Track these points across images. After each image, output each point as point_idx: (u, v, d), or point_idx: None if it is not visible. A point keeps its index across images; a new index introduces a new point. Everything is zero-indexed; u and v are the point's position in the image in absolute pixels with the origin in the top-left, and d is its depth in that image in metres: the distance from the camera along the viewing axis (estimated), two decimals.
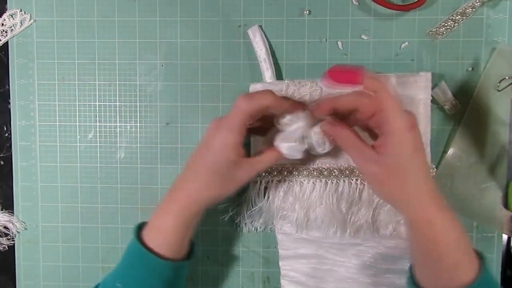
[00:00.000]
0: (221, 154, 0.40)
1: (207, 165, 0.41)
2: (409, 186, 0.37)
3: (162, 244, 0.41)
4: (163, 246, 0.41)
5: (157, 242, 0.41)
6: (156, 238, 0.42)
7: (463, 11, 0.48)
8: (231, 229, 0.52)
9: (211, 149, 0.40)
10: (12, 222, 0.53)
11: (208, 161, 0.41)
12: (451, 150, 0.49)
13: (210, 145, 0.41)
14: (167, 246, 0.41)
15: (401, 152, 0.37)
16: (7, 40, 0.51)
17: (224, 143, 0.40)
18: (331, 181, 0.48)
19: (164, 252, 0.41)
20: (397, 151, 0.37)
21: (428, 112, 0.47)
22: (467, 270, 0.37)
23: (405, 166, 0.37)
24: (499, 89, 0.47)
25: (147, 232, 0.42)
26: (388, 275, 0.48)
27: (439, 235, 0.37)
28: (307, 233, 0.49)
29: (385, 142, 0.37)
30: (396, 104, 0.37)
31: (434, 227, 0.37)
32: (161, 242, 0.41)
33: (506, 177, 0.48)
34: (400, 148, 0.37)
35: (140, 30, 0.51)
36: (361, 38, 0.49)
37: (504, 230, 0.49)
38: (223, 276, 0.52)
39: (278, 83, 0.48)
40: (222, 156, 0.40)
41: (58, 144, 0.52)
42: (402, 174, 0.37)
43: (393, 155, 0.37)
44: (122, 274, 0.42)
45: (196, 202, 0.42)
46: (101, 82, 0.51)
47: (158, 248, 0.41)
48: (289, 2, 0.49)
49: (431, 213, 0.37)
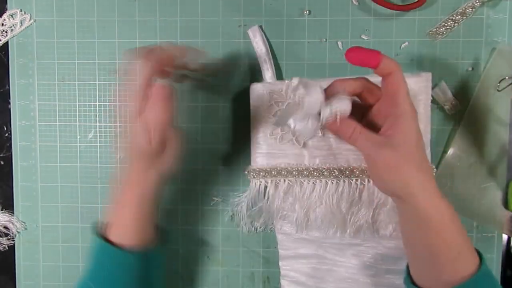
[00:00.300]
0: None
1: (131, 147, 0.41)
2: (420, 166, 0.37)
3: (123, 235, 0.41)
4: (125, 236, 0.41)
5: (118, 235, 0.41)
6: (117, 231, 0.41)
7: (463, 11, 0.48)
8: (231, 229, 0.52)
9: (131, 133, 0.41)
10: (12, 222, 0.53)
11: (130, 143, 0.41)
12: (451, 150, 0.49)
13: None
14: (129, 236, 0.41)
15: (412, 133, 0.37)
16: (7, 40, 0.51)
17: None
18: (331, 181, 0.47)
19: (128, 243, 0.41)
20: (408, 131, 0.37)
21: (428, 112, 0.47)
22: (467, 262, 0.37)
23: (415, 146, 0.37)
24: (499, 89, 0.47)
25: (107, 228, 0.42)
26: (388, 275, 0.48)
27: (447, 226, 0.36)
28: (307, 233, 0.49)
29: (395, 124, 0.37)
30: (407, 89, 0.37)
31: (444, 217, 0.36)
32: (122, 233, 0.41)
33: (506, 177, 0.48)
34: (410, 129, 0.37)
35: (140, 30, 0.51)
36: (361, 38, 0.49)
37: (504, 230, 0.49)
38: (223, 276, 0.52)
39: (278, 83, 0.48)
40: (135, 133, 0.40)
41: (58, 144, 0.52)
42: (414, 154, 0.37)
43: (404, 135, 0.37)
44: (92, 274, 0.42)
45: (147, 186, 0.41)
46: (101, 82, 0.51)
47: (121, 240, 0.41)
48: (289, 2, 0.49)
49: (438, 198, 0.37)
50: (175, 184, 0.52)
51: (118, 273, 0.41)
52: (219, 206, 0.52)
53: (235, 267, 0.52)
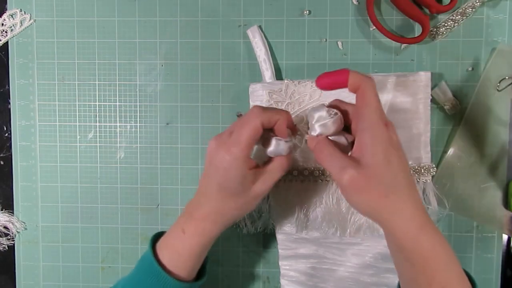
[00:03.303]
0: (231, 171, 0.37)
1: (219, 186, 0.39)
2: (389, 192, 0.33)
3: (177, 264, 0.40)
4: (178, 266, 0.40)
5: (171, 261, 0.40)
6: (171, 257, 0.40)
7: (463, 11, 0.48)
8: (231, 229, 0.52)
9: (219, 169, 0.38)
10: (12, 222, 0.53)
11: (218, 181, 0.38)
12: (451, 150, 0.49)
13: (217, 165, 0.38)
14: (181, 267, 0.40)
15: (379, 148, 0.33)
16: (7, 40, 0.51)
17: (232, 159, 0.37)
18: (331, 181, 0.48)
19: (177, 272, 0.40)
20: (374, 147, 0.33)
21: (428, 112, 0.47)
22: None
23: (383, 167, 0.33)
24: (499, 89, 0.47)
25: (162, 249, 0.41)
26: (388, 275, 0.48)
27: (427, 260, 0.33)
28: (307, 233, 0.49)
29: (361, 140, 0.35)
30: (376, 101, 0.34)
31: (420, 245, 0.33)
32: (176, 262, 0.40)
33: (506, 177, 0.48)
34: (377, 143, 0.33)
35: (140, 30, 0.51)
36: (361, 38, 0.49)
37: (504, 230, 0.49)
38: (223, 276, 0.52)
39: (278, 83, 0.48)
40: (232, 173, 0.37)
41: (58, 144, 0.52)
42: (380, 176, 0.33)
43: (368, 152, 0.34)
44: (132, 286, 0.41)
45: (214, 225, 0.40)
46: (101, 82, 0.51)
47: (172, 267, 0.40)
48: (289, 2, 0.50)
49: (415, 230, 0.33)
50: (175, 184, 0.52)
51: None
52: None
53: (235, 267, 0.52)
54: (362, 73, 0.35)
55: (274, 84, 0.48)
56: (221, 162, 0.37)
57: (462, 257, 0.50)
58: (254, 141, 0.37)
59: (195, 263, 0.41)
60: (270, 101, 0.48)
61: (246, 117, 0.38)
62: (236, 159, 0.37)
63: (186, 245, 0.40)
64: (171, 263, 0.40)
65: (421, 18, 0.47)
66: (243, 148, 0.37)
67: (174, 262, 0.40)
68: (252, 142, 0.37)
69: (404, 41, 0.48)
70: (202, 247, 0.41)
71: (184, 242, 0.40)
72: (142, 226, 0.52)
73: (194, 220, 0.40)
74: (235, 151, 0.37)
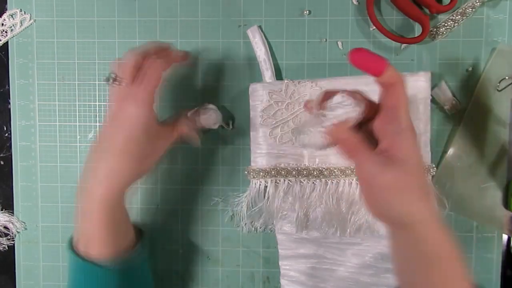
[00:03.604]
0: (134, 127, 0.36)
1: (120, 142, 0.37)
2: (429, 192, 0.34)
3: (92, 246, 0.37)
4: (96, 248, 0.37)
5: (87, 246, 0.37)
6: (86, 243, 0.37)
7: (463, 11, 0.48)
8: (231, 229, 0.52)
9: (121, 123, 0.36)
10: (12, 222, 0.53)
11: (119, 136, 0.37)
12: (451, 150, 0.49)
13: (119, 118, 0.37)
14: (100, 247, 0.37)
15: (414, 153, 0.34)
16: (7, 40, 0.51)
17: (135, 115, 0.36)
18: (331, 181, 0.48)
19: (101, 254, 0.37)
20: (411, 151, 0.34)
21: (428, 112, 0.47)
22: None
23: (420, 166, 0.34)
24: (499, 89, 0.47)
25: (78, 240, 0.39)
26: (388, 275, 0.48)
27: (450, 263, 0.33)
28: (307, 233, 0.49)
29: (396, 142, 0.34)
30: (408, 104, 0.34)
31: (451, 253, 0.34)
32: (90, 245, 0.37)
33: (506, 177, 0.48)
34: (414, 146, 0.34)
35: (140, 30, 0.51)
36: (361, 38, 0.49)
37: (504, 230, 0.49)
38: (223, 276, 0.52)
39: (278, 83, 0.48)
40: (135, 129, 0.36)
41: (58, 144, 0.52)
42: (419, 181, 0.34)
43: (408, 155, 0.33)
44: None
45: (115, 186, 0.37)
46: (101, 82, 0.51)
47: (91, 251, 0.37)
48: (289, 2, 0.49)
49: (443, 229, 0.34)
50: (175, 184, 0.52)
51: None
52: (219, 206, 0.52)
53: (235, 267, 0.52)
54: (397, 71, 0.34)
55: (274, 84, 0.48)
56: (125, 116, 0.36)
57: None
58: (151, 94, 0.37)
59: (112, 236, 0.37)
60: (270, 101, 0.48)
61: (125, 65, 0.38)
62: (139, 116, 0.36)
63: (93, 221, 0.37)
64: (88, 248, 0.37)
65: (421, 18, 0.47)
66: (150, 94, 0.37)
67: (89, 247, 0.37)
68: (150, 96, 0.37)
69: (404, 41, 0.48)
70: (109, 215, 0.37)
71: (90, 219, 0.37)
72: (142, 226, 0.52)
73: (92, 184, 0.37)
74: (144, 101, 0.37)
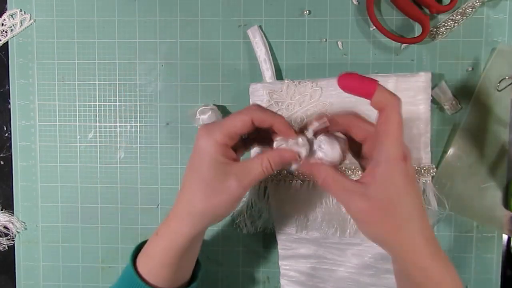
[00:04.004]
0: (206, 155, 0.35)
1: (195, 176, 0.36)
2: (401, 226, 0.32)
3: (152, 271, 0.38)
4: (153, 273, 0.38)
5: (146, 268, 0.38)
6: (146, 263, 0.38)
7: (463, 11, 0.48)
8: (231, 229, 0.52)
9: (199, 155, 0.36)
10: (12, 222, 0.53)
11: (195, 166, 0.36)
12: (451, 150, 0.49)
13: (197, 150, 0.36)
14: (156, 274, 0.37)
15: (394, 183, 0.32)
16: (7, 40, 0.51)
17: (210, 143, 0.35)
18: None
19: (154, 280, 0.37)
20: (387, 181, 0.32)
21: (428, 112, 0.47)
22: None
23: (396, 201, 0.32)
24: (499, 89, 0.47)
25: (140, 257, 0.39)
26: (388, 275, 0.48)
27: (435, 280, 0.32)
28: (307, 233, 0.49)
29: (374, 171, 0.33)
30: (399, 130, 0.32)
31: (430, 275, 0.32)
32: (150, 269, 0.38)
33: (506, 177, 0.48)
34: (393, 178, 0.32)
35: (140, 30, 0.51)
36: (361, 38, 0.49)
37: (504, 230, 0.49)
38: (223, 276, 0.52)
39: (278, 83, 0.48)
40: (206, 157, 0.35)
41: (58, 144, 0.52)
42: (393, 210, 0.32)
43: (382, 185, 0.32)
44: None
45: (184, 225, 0.37)
46: (101, 82, 0.51)
47: (149, 275, 0.37)
48: (289, 2, 0.49)
49: (426, 260, 0.32)
50: (175, 184, 0.52)
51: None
52: None
53: (235, 267, 0.52)
54: (389, 91, 0.33)
55: (274, 84, 0.48)
56: (201, 146, 0.36)
57: (462, 257, 0.50)
58: (237, 132, 0.36)
59: (171, 269, 0.38)
60: (270, 101, 0.48)
61: (241, 110, 0.37)
62: (214, 144, 0.35)
63: (158, 249, 0.37)
64: (147, 271, 0.38)
65: (421, 18, 0.47)
66: (224, 134, 0.35)
67: (148, 268, 0.38)
68: (235, 131, 0.35)
69: (404, 41, 0.48)
70: (175, 251, 0.37)
71: (156, 245, 0.38)
72: (142, 226, 0.52)
73: (167, 220, 0.38)
74: (215, 135, 0.35)
